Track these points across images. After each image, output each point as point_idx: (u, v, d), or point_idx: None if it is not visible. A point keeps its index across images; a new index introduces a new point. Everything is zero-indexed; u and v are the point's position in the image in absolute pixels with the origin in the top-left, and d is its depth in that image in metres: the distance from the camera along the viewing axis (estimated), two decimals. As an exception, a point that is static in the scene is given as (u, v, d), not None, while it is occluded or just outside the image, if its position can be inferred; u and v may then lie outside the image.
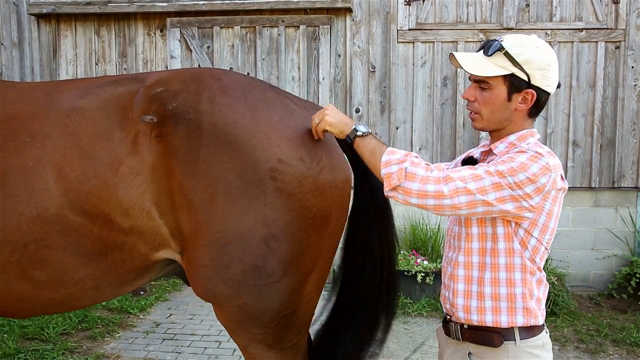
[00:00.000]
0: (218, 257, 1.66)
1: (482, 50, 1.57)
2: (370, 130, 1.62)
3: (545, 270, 1.60)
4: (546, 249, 1.54)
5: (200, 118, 1.67)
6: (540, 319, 1.55)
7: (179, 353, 3.88)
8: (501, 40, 1.53)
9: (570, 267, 5.17)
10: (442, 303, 1.71)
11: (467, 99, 1.60)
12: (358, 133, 1.60)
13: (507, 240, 1.51)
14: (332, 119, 1.64)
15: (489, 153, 1.64)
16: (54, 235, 1.66)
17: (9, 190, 1.64)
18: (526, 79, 1.50)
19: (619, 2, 5.13)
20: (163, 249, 1.75)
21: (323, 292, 1.92)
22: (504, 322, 1.52)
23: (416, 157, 1.52)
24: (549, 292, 1.54)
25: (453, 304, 1.61)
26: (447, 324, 1.66)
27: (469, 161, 1.66)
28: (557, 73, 1.56)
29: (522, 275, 1.51)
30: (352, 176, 1.85)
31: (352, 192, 1.87)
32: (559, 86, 1.59)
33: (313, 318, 1.94)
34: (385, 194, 1.52)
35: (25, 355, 3.71)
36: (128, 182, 1.67)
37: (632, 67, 5.19)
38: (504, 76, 1.51)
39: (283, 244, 1.67)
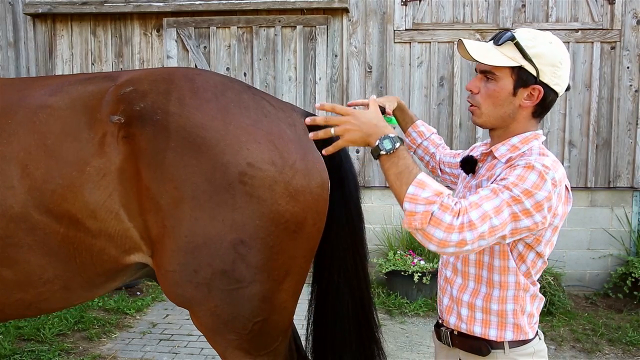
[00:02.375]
0: (186, 262, 1.62)
1: (492, 41, 1.46)
2: (398, 145, 1.33)
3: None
4: (544, 262, 1.50)
5: (168, 119, 1.62)
6: (531, 334, 1.50)
7: (176, 354, 3.88)
8: (514, 32, 1.43)
9: (567, 267, 5.18)
10: (437, 304, 1.67)
11: (470, 91, 1.50)
12: (382, 152, 1.33)
13: (502, 258, 1.45)
14: (352, 135, 1.36)
15: (489, 155, 1.56)
16: (20, 233, 1.63)
17: None
18: (535, 73, 1.40)
19: (615, 3, 5.15)
20: (135, 252, 1.71)
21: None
22: (492, 335, 1.48)
23: (449, 195, 1.30)
24: (545, 292, 1.52)
25: (448, 307, 1.58)
26: (439, 328, 1.63)
27: (469, 161, 1.59)
28: (568, 73, 1.45)
29: (515, 292, 1.46)
30: (329, 181, 1.76)
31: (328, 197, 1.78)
32: (568, 89, 1.49)
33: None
34: (404, 226, 1.34)
35: (21, 356, 3.70)
36: (94, 183, 1.63)
37: (628, 67, 5.21)
38: (512, 68, 1.41)
39: (252, 250, 1.62)
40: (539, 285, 1.53)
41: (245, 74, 5.44)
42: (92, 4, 5.45)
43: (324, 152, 1.44)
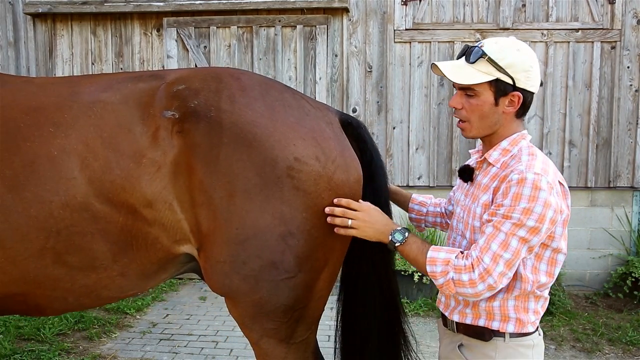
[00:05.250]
0: (236, 253, 1.71)
1: (463, 57, 1.57)
2: (407, 234, 1.59)
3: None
4: (564, 254, 1.56)
5: (221, 116, 1.72)
6: (531, 328, 1.57)
7: (176, 353, 3.88)
8: (481, 46, 1.53)
9: (567, 267, 5.18)
10: (437, 304, 1.76)
11: (454, 107, 1.61)
12: (397, 245, 1.59)
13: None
14: (365, 231, 1.64)
15: (483, 162, 1.65)
16: (83, 222, 1.71)
17: (38, 179, 1.69)
18: (511, 82, 1.51)
19: (615, 3, 5.15)
20: (184, 243, 1.80)
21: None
22: (495, 326, 1.57)
23: (456, 257, 1.49)
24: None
25: (452, 309, 1.66)
26: (445, 317, 1.72)
27: (466, 170, 1.70)
28: (539, 72, 1.57)
29: (520, 293, 1.54)
30: (362, 177, 1.87)
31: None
32: (541, 84, 1.62)
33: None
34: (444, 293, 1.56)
35: (21, 356, 3.70)
36: (151, 175, 1.72)
37: (628, 67, 5.21)
38: (490, 81, 1.52)
39: (300, 241, 1.71)
40: (548, 288, 1.61)
41: (245, 74, 5.44)
42: (92, 4, 5.45)
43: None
